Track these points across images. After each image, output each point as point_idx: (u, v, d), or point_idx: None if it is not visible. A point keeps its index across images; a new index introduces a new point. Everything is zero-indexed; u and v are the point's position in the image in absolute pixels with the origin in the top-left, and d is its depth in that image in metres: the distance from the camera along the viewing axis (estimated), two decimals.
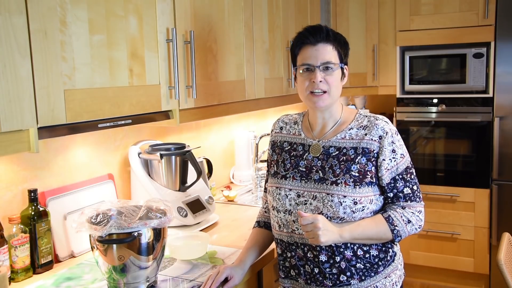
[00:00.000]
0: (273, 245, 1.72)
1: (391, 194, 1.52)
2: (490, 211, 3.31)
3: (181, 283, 1.57)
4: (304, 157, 1.57)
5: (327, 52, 1.51)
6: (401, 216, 1.51)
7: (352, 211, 1.46)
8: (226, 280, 1.52)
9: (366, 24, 3.61)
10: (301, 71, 1.54)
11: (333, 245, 1.47)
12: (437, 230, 3.47)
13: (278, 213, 1.56)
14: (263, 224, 1.73)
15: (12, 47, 1.24)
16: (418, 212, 1.54)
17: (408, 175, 1.53)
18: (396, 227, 1.49)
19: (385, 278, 1.55)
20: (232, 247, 1.87)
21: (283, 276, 1.62)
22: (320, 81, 1.50)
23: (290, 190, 1.55)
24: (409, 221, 1.51)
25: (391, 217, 1.50)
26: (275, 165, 1.64)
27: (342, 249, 1.48)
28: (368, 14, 3.59)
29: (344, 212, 1.46)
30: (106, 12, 1.52)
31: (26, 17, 1.27)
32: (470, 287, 3.46)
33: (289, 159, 1.60)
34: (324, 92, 1.51)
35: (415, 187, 1.54)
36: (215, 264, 1.71)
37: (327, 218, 1.46)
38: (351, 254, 1.49)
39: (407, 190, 1.53)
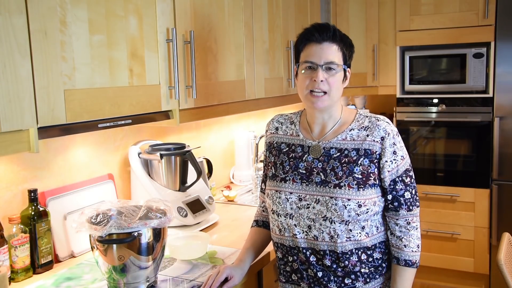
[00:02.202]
0: (272, 246, 1.71)
1: (390, 196, 1.50)
2: (490, 211, 3.31)
3: (181, 283, 1.57)
4: (304, 158, 1.54)
5: (332, 52, 1.47)
6: (411, 250, 1.51)
7: (357, 214, 1.44)
8: (226, 280, 1.52)
9: (366, 24, 3.61)
10: (303, 70, 1.51)
11: (338, 251, 1.46)
12: (437, 230, 3.46)
13: (278, 217, 1.54)
14: (261, 224, 1.72)
15: (12, 47, 1.24)
16: (417, 220, 1.54)
17: (408, 178, 1.51)
18: (414, 260, 1.51)
19: (389, 279, 1.55)
20: (232, 247, 1.87)
21: (284, 280, 1.59)
22: (322, 81, 1.46)
23: (291, 193, 1.52)
24: (416, 241, 1.53)
25: (407, 260, 1.50)
26: (272, 167, 1.61)
27: (348, 255, 1.47)
28: (368, 14, 3.59)
29: (349, 215, 1.44)
30: (106, 12, 1.52)
31: (26, 17, 1.27)
32: (470, 287, 3.46)
33: (288, 161, 1.57)
34: (324, 93, 1.48)
35: (413, 191, 1.52)
36: (215, 264, 1.71)
37: (331, 221, 1.45)
38: (356, 259, 1.48)
39: (407, 195, 1.50)
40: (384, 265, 1.53)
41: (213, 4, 2.06)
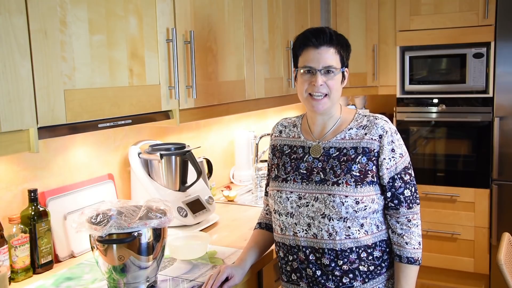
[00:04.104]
0: (273, 246, 1.72)
1: (389, 194, 1.51)
2: (490, 211, 3.31)
3: (181, 283, 1.57)
4: (305, 159, 1.57)
5: (329, 56, 1.50)
6: (413, 247, 1.52)
7: (355, 210, 1.46)
8: (227, 279, 1.52)
9: (366, 24, 3.61)
10: (302, 72, 1.53)
11: (337, 248, 1.47)
12: (437, 230, 3.47)
13: (280, 216, 1.56)
14: (264, 226, 1.73)
15: (12, 47, 1.24)
16: (417, 217, 1.54)
17: (407, 176, 1.53)
18: (416, 257, 1.52)
19: (387, 280, 1.55)
20: (232, 247, 1.87)
21: (285, 280, 1.61)
22: (321, 85, 1.49)
23: (291, 192, 1.54)
24: (418, 239, 1.53)
25: (409, 257, 1.51)
26: (275, 169, 1.64)
27: (347, 253, 1.47)
28: (368, 14, 3.59)
29: (347, 212, 1.45)
30: (106, 12, 1.52)
31: (26, 17, 1.27)
32: (470, 287, 3.46)
33: (290, 162, 1.59)
34: (325, 95, 1.50)
35: (413, 189, 1.54)
36: (215, 264, 1.71)
37: (329, 219, 1.46)
38: (355, 257, 1.48)
39: (407, 192, 1.52)
40: (383, 264, 1.53)
41: (213, 4, 2.06)
